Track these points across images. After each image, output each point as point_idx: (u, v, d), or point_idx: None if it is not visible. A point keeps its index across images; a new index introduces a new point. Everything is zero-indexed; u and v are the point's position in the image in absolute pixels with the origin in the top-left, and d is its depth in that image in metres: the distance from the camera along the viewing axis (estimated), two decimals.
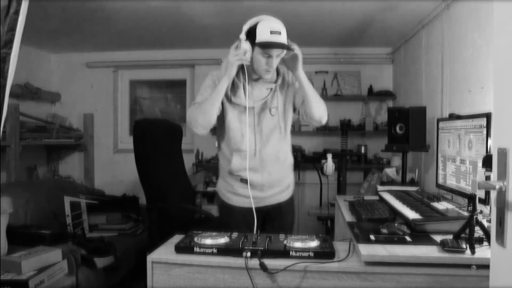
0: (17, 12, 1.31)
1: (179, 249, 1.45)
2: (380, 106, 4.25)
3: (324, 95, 4.21)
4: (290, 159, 1.98)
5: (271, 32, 1.69)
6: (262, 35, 1.69)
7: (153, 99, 4.82)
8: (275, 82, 1.86)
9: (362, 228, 1.63)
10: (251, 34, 1.72)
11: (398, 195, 2.24)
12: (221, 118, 1.84)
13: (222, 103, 1.79)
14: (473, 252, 1.31)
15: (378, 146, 3.93)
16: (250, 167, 1.82)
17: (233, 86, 1.82)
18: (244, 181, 1.84)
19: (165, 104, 4.79)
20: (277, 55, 1.74)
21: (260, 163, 1.84)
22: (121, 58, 4.47)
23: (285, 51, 1.75)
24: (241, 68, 1.79)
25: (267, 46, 1.71)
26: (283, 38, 1.71)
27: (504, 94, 0.97)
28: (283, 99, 1.90)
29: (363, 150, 4.11)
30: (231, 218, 1.88)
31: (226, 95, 1.79)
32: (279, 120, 1.87)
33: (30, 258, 2.16)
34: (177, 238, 1.58)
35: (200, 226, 2.55)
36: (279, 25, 1.71)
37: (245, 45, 1.70)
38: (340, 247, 1.50)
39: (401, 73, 3.94)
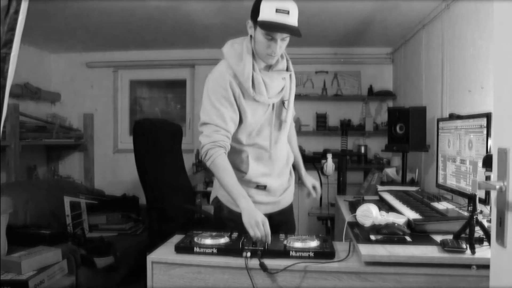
0: (17, 12, 1.31)
1: (179, 249, 1.45)
2: (380, 106, 4.26)
3: (324, 95, 4.21)
4: (292, 157, 1.85)
5: (277, 11, 1.44)
6: (265, 13, 1.45)
7: (153, 99, 4.82)
8: (287, 69, 1.68)
9: (362, 228, 1.62)
10: (255, 11, 1.49)
11: (398, 195, 2.24)
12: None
13: (238, 105, 1.58)
14: (473, 252, 1.31)
15: (378, 146, 3.94)
16: (268, 171, 1.68)
17: (253, 81, 1.57)
18: (261, 187, 1.68)
19: (165, 104, 4.79)
20: (282, 39, 1.51)
21: (275, 166, 1.71)
22: (121, 58, 4.47)
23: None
24: (252, 57, 1.59)
25: (268, 28, 1.46)
26: (291, 19, 1.46)
27: (504, 94, 0.97)
28: (292, 88, 1.72)
29: (363, 150, 4.11)
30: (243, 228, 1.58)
31: (243, 94, 1.57)
32: (290, 114, 1.72)
33: (30, 258, 2.16)
34: (177, 238, 1.58)
35: (200, 226, 2.55)
36: (288, 3, 1.46)
37: None
38: (340, 247, 1.50)
39: (401, 73, 3.94)
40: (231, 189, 1.53)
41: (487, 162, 1.17)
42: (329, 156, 2.93)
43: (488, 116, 1.72)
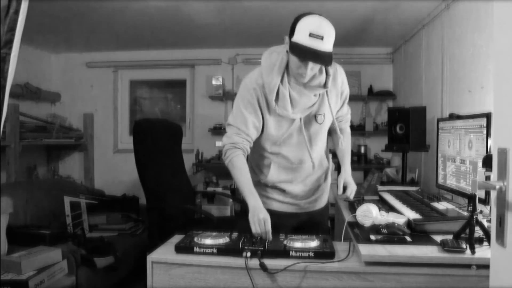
0: (17, 12, 1.31)
1: (179, 249, 1.45)
2: (380, 106, 4.26)
3: None
4: (327, 164, 1.85)
5: (310, 35, 1.39)
6: (298, 36, 1.41)
7: (153, 99, 4.82)
8: (324, 86, 1.62)
9: (362, 228, 1.62)
10: (291, 29, 1.45)
11: (398, 195, 2.24)
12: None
13: (262, 114, 1.62)
14: (473, 252, 1.31)
15: (378, 146, 3.93)
16: (290, 179, 1.72)
17: (278, 95, 1.58)
18: (280, 190, 1.74)
19: (165, 104, 4.79)
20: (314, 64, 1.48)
21: (299, 175, 1.73)
22: (121, 58, 4.47)
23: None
24: (285, 72, 1.58)
25: (296, 53, 1.44)
26: (325, 45, 1.41)
27: (504, 94, 0.97)
28: (332, 102, 1.67)
29: (363, 150, 4.11)
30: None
31: (268, 105, 1.60)
32: (325, 127, 1.71)
33: (30, 258, 2.16)
34: (177, 238, 1.58)
35: (200, 226, 2.55)
36: (324, 28, 1.41)
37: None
38: (340, 247, 1.50)
39: (401, 73, 3.94)
40: (242, 187, 1.59)
41: (487, 162, 1.17)
42: (329, 156, 2.93)
43: (488, 116, 1.72)
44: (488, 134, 1.71)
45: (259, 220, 1.48)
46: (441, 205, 1.92)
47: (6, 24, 1.29)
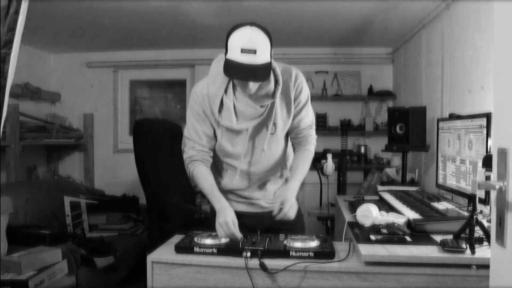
0: (17, 12, 1.31)
1: (179, 249, 1.45)
2: (380, 106, 4.26)
3: (324, 95, 4.21)
4: (287, 174, 1.75)
5: (242, 50, 1.31)
6: (230, 53, 1.34)
7: (153, 99, 4.82)
8: (273, 95, 1.53)
9: (362, 228, 1.62)
10: (225, 46, 1.38)
11: (398, 195, 2.24)
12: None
13: (211, 123, 1.60)
14: (473, 252, 1.31)
15: (378, 146, 3.93)
16: (245, 187, 1.69)
17: (222, 105, 1.53)
18: (238, 194, 1.72)
19: (165, 104, 4.79)
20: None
21: (256, 184, 1.69)
22: (121, 58, 4.47)
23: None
24: (231, 82, 1.52)
25: (227, 73, 1.37)
26: (259, 58, 1.33)
27: (504, 94, 0.97)
28: (283, 111, 1.59)
29: (363, 150, 4.12)
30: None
31: (213, 115, 1.56)
32: (279, 136, 1.61)
33: (30, 258, 2.16)
34: (177, 238, 1.58)
35: (200, 226, 2.55)
36: (255, 40, 1.33)
37: None
38: (340, 247, 1.50)
39: (401, 73, 3.94)
40: (208, 194, 1.62)
41: (487, 162, 1.17)
42: (329, 156, 2.95)
43: (488, 116, 1.72)
44: (488, 134, 1.71)
45: (220, 223, 1.46)
46: (441, 205, 1.92)
47: (6, 24, 1.30)
